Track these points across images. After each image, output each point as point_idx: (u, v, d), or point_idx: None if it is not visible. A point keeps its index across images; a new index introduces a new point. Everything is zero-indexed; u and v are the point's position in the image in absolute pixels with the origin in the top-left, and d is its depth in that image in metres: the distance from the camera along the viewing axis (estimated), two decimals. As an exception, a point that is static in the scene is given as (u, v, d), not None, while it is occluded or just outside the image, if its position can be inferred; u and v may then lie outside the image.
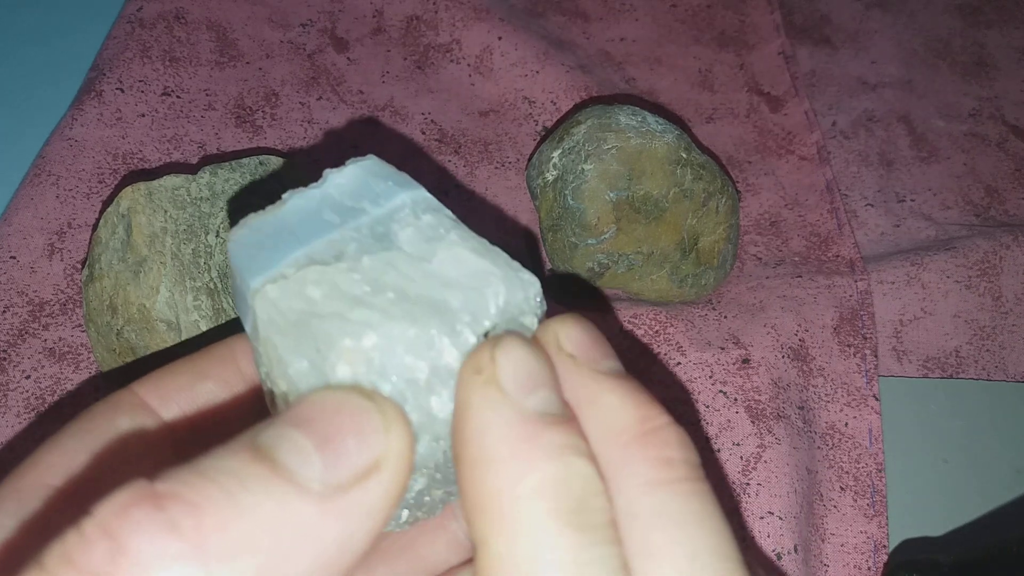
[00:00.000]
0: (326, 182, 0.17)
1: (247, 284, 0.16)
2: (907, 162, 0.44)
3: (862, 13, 0.52)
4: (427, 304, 0.15)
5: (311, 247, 0.16)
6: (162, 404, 0.18)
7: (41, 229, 0.34)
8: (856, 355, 0.36)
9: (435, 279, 0.15)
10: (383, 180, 0.17)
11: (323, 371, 0.14)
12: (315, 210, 0.16)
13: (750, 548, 0.30)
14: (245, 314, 0.16)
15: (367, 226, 0.16)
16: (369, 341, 0.14)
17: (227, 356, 0.19)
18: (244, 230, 0.16)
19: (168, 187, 0.29)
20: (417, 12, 0.45)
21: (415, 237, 0.16)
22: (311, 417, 0.13)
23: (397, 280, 0.15)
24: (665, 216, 0.34)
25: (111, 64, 0.40)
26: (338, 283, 0.15)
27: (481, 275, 0.16)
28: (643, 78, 0.46)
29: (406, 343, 0.14)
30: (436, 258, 0.16)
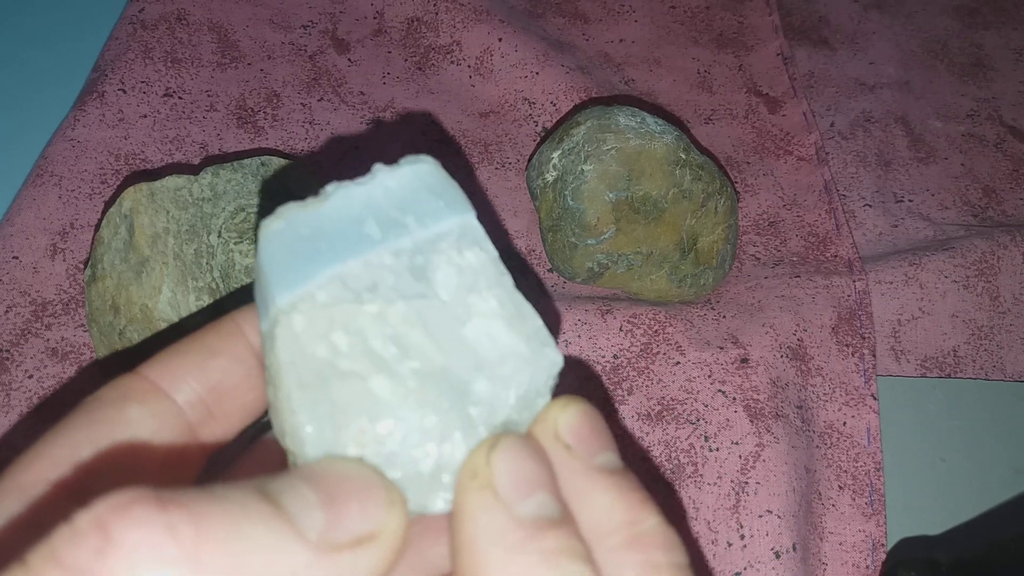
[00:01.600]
0: (375, 180, 0.16)
1: (272, 294, 0.15)
2: (905, 163, 0.45)
3: (860, 14, 0.52)
4: (449, 386, 0.15)
5: (346, 267, 0.15)
6: (174, 386, 0.17)
7: (44, 229, 0.34)
8: (854, 355, 0.36)
9: (464, 352, 0.15)
10: (434, 196, 0.16)
11: (333, 443, 0.14)
12: (357, 217, 0.15)
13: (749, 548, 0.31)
14: (263, 316, 0.16)
15: (407, 253, 0.15)
16: (385, 428, 0.14)
17: (234, 330, 0.18)
18: (280, 223, 0.15)
19: (170, 188, 0.30)
20: (418, 14, 0.45)
21: (454, 282, 0.15)
22: (320, 476, 0.13)
23: (424, 345, 0.15)
24: (664, 216, 0.34)
25: (113, 65, 0.40)
26: (366, 334, 0.15)
27: (510, 359, 0.15)
28: (642, 79, 0.46)
29: (421, 433, 0.14)
30: (470, 324, 0.15)
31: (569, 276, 0.36)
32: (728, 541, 0.31)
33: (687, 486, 0.32)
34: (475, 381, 0.15)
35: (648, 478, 0.32)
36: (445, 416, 0.14)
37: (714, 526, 0.31)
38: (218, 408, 0.17)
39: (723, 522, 0.31)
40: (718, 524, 0.31)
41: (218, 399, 0.17)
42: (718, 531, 0.31)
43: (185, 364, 0.17)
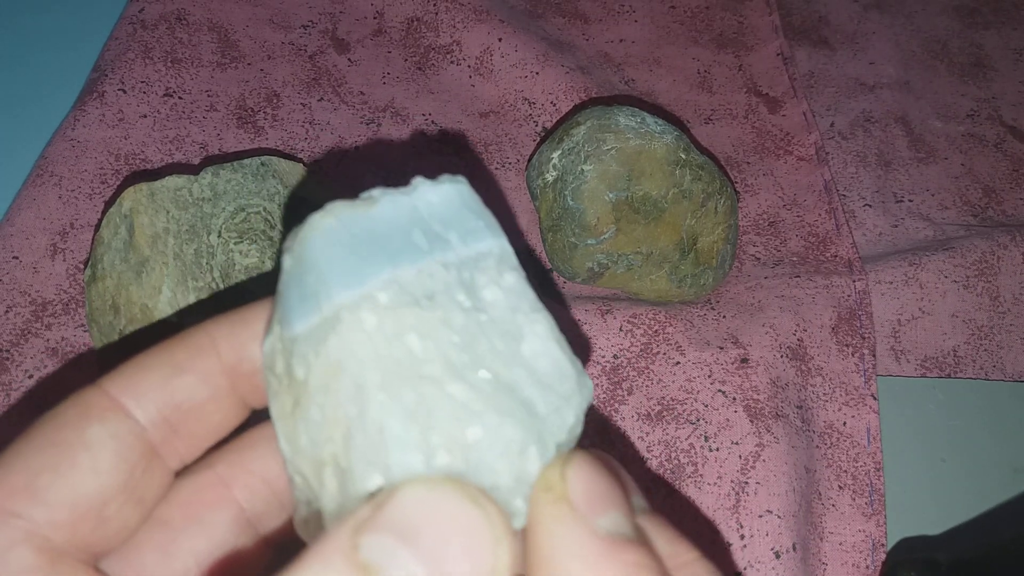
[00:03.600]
0: (416, 192, 0.16)
1: (331, 289, 0.14)
2: (905, 163, 0.45)
3: (860, 14, 0.52)
4: (520, 401, 0.14)
5: (400, 270, 0.15)
6: (136, 404, 0.16)
7: (43, 229, 0.34)
8: (854, 355, 0.36)
9: (526, 369, 0.15)
10: (475, 216, 0.16)
11: (419, 446, 0.13)
12: (405, 226, 0.15)
13: (749, 548, 0.31)
14: (305, 312, 0.15)
15: (455, 266, 0.15)
16: (473, 435, 0.14)
17: (206, 345, 0.17)
18: (332, 220, 0.15)
19: (170, 187, 0.30)
20: (418, 14, 0.45)
21: (501, 302, 0.15)
22: (419, 528, 0.12)
23: (491, 357, 0.15)
24: (664, 216, 0.34)
25: (113, 65, 0.40)
26: (438, 338, 0.14)
27: (567, 380, 0.15)
28: (642, 79, 0.46)
29: (504, 444, 0.14)
30: (526, 343, 0.15)
31: (569, 276, 0.36)
32: (728, 541, 0.31)
33: (687, 486, 0.32)
34: (538, 399, 0.15)
35: (648, 478, 0.32)
36: (523, 428, 0.14)
37: (714, 526, 0.31)
38: (183, 427, 0.17)
39: (723, 522, 0.31)
40: (718, 524, 0.31)
41: (183, 418, 0.16)
42: (718, 531, 0.31)
43: (150, 380, 0.16)
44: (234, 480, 0.17)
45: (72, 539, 0.15)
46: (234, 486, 0.17)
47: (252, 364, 0.17)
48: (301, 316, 0.15)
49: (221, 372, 0.17)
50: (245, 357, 0.17)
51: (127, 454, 0.16)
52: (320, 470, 0.14)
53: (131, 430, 0.16)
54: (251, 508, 0.17)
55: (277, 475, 0.17)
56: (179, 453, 0.17)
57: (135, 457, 0.16)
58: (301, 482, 0.15)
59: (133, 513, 0.16)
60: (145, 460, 0.16)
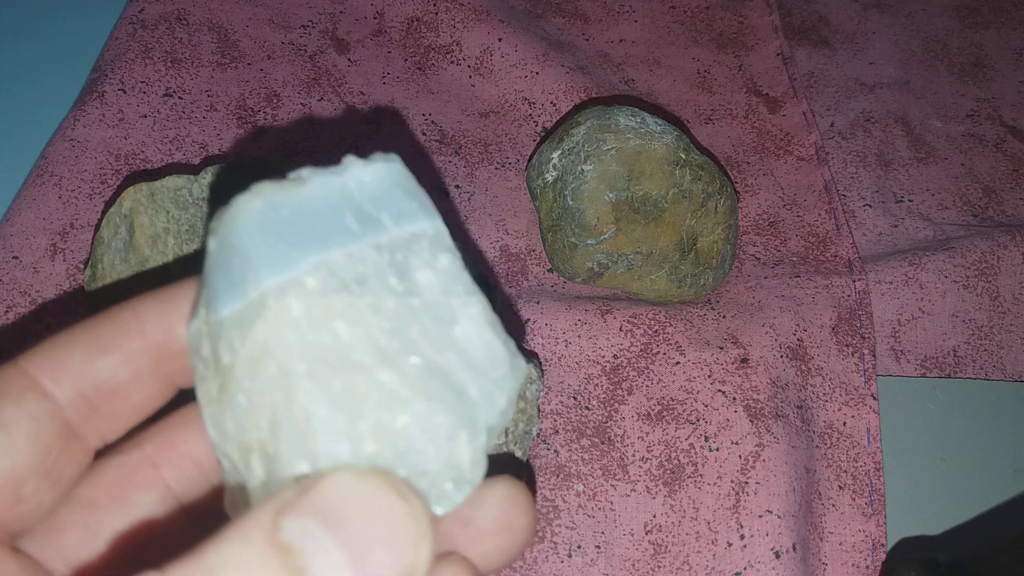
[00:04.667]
0: (347, 172, 0.15)
1: (257, 274, 0.14)
2: (905, 163, 0.45)
3: (860, 14, 0.52)
4: (451, 385, 0.14)
5: (330, 255, 0.14)
6: (55, 383, 0.16)
7: (43, 229, 0.34)
8: (854, 355, 0.36)
9: (457, 354, 0.15)
10: (408, 196, 0.16)
11: (346, 434, 0.13)
12: (335, 207, 0.15)
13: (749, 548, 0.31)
14: (224, 296, 0.14)
15: (387, 248, 0.15)
16: (401, 421, 0.14)
17: (131, 324, 0.16)
18: (258, 201, 0.14)
19: (170, 188, 0.30)
20: (417, 14, 0.45)
21: (434, 285, 0.15)
22: (343, 515, 0.12)
23: (422, 342, 0.15)
24: (664, 216, 0.34)
25: (113, 65, 0.40)
26: (367, 324, 0.14)
27: (500, 364, 0.15)
28: (642, 79, 0.46)
29: (433, 430, 0.14)
30: (459, 326, 0.15)
31: (569, 276, 0.36)
32: (728, 541, 0.31)
33: (687, 486, 0.32)
34: (470, 383, 0.15)
35: (648, 478, 0.32)
36: (452, 414, 0.14)
37: (714, 526, 0.31)
38: (104, 407, 0.16)
39: (723, 522, 0.31)
40: (718, 524, 0.31)
41: (104, 397, 0.16)
42: (718, 531, 0.31)
43: (70, 359, 0.16)
44: (163, 460, 0.17)
45: None
46: (163, 466, 0.17)
47: (179, 344, 0.16)
48: (227, 301, 0.14)
49: (146, 351, 0.16)
50: (172, 337, 0.16)
51: (43, 434, 0.15)
52: (247, 455, 0.14)
53: (48, 410, 0.15)
54: (180, 488, 0.17)
55: (206, 455, 0.17)
56: (100, 432, 0.16)
57: (51, 437, 0.15)
58: (229, 466, 0.15)
59: (50, 493, 0.15)
60: (62, 440, 0.16)
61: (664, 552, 0.30)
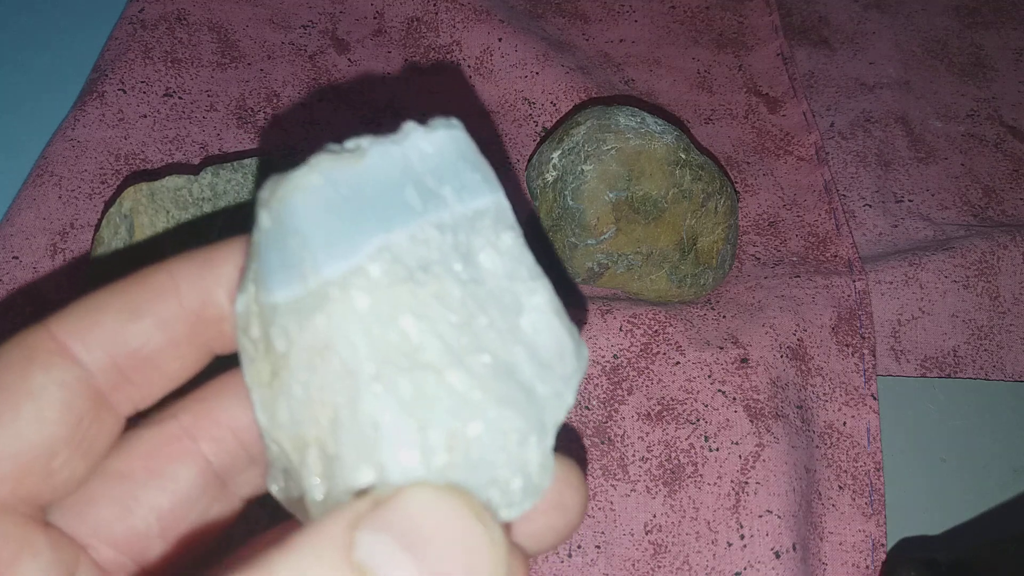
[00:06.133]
0: (407, 141, 0.15)
1: (317, 261, 0.13)
2: (905, 163, 0.45)
3: (860, 14, 0.52)
4: (520, 385, 0.14)
5: (393, 236, 0.13)
6: (86, 349, 0.15)
7: (43, 229, 0.34)
8: (854, 355, 0.36)
9: (525, 347, 0.14)
10: (471, 168, 0.15)
11: (415, 442, 0.13)
12: (396, 181, 0.14)
13: (749, 548, 0.31)
14: (286, 281, 0.13)
15: (450, 228, 0.14)
16: (474, 430, 0.13)
17: (167, 287, 0.15)
18: (316, 176, 0.13)
19: (170, 188, 0.30)
20: (418, 14, 0.45)
21: (499, 269, 0.14)
22: (420, 536, 0.12)
23: (490, 336, 0.14)
24: (664, 216, 0.34)
25: (113, 65, 0.40)
26: (434, 319, 0.13)
27: (567, 356, 0.15)
28: (642, 79, 0.46)
29: (504, 437, 0.13)
30: (525, 316, 0.14)
31: (569, 276, 0.36)
32: (728, 541, 0.31)
33: (687, 486, 0.32)
34: (538, 380, 0.14)
35: (648, 478, 0.32)
36: (523, 417, 0.14)
37: (714, 526, 0.31)
38: (137, 374, 0.15)
39: (723, 522, 0.31)
40: (718, 524, 0.31)
41: (137, 365, 0.15)
42: (718, 531, 0.31)
43: (101, 324, 0.15)
44: (200, 431, 0.16)
45: (17, 492, 0.14)
46: (200, 438, 0.16)
47: (217, 310, 0.16)
48: (282, 284, 0.13)
49: (182, 317, 0.15)
50: (210, 302, 0.15)
51: (74, 403, 0.14)
52: (303, 449, 0.14)
53: (78, 377, 0.15)
54: (218, 461, 0.16)
55: (246, 426, 0.16)
56: (132, 400, 0.16)
57: (83, 406, 0.15)
58: (278, 451, 0.14)
59: (81, 464, 0.15)
60: (94, 409, 0.15)
61: (664, 552, 0.30)
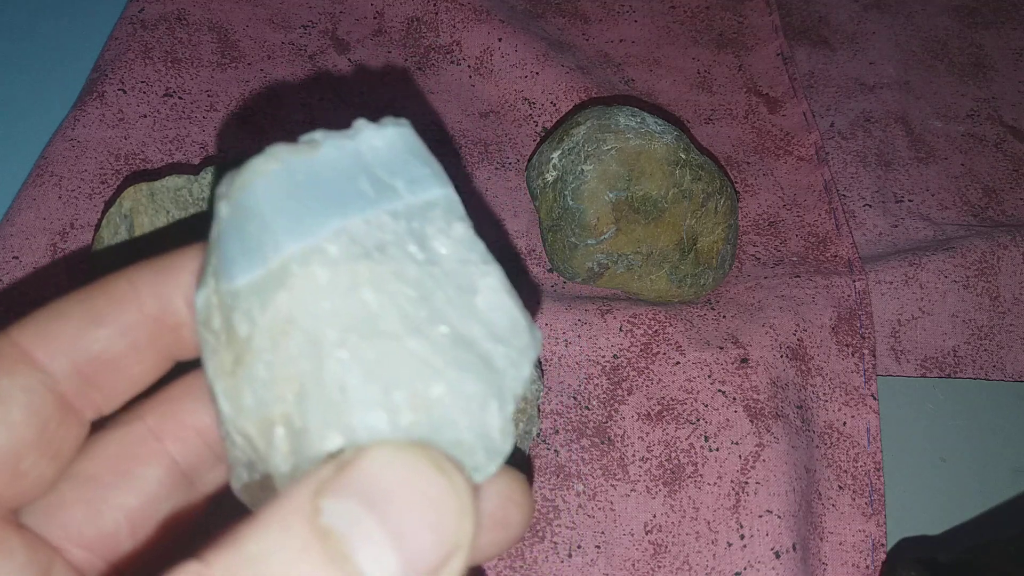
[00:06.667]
0: (360, 136, 0.15)
1: (278, 240, 0.14)
2: (905, 163, 0.45)
3: (860, 14, 0.52)
4: (478, 355, 0.14)
5: (349, 220, 0.14)
6: (49, 356, 0.15)
7: (44, 229, 0.34)
8: (854, 355, 0.36)
9: (481, 323, 0.15)
10: (421, 163, 0.16)
11: (382, 404, 0.13)
12: (350, 171, 0.15)
13: (749, 548, 0.31)
14: (247, 265, 0.14)
15: (403, 216, 0.15)
16: (436, 391, 0.13)
17: (128, 295, 0.16)
18: (275, 164, 0.14)
19: (170, 188, 0.30)
20: (418, 14, 0.45)
21: (452, 254, 0.15)
22: (384, 494, 0.12)
23: (447, 310, 0.14)
24: (664, 216, 0.34)
25: (113, 65, 0.40)
26: (393, 292, 0.14)
27: (522, 332, 0.15)
28: (642, 79, 0.46)
29: (466, 400, 0.14)
30: (480, 296, 0.15)
31: (569, 276, 0.36)
32: (728, 541, 0.31)
33: (687, 486, 0.32)
34: (495, 352, 0.15)
35: (648, 478, 0.32)
36: (483, 383, 0.14)
37: (714, 526, 0.31)
38: (100, 380, 0.16)
39: (723, 522, 0.31)
40: (718, 524, 0.31)
41: (100, 370, 0.16)
42: (718, 531, 0.31)
43: (64, 331, 0.15)
44: (165, 432, 0.16)
45: None
46: (166, 438, 0.16)
47: (176, 316, 0.16)
48: (243, 268, 0.14)
49: (142, 323, 0.16)
50: (169, 308, 0.16)
51: (40, 408, 0.15)
52: (269, 430, 0.14)
53: (42, 382, 0.15)
54: (185, 461, 0.17)
55: (210, 426, 0.17)
56: (96, 405, 0.16)
57: (48, 410, 0.15)
58: (243, 443, 0.14)
59: (49, 467, 0.15)
60: (59, 413, 0.15)
61: (664, 552, 0.31)
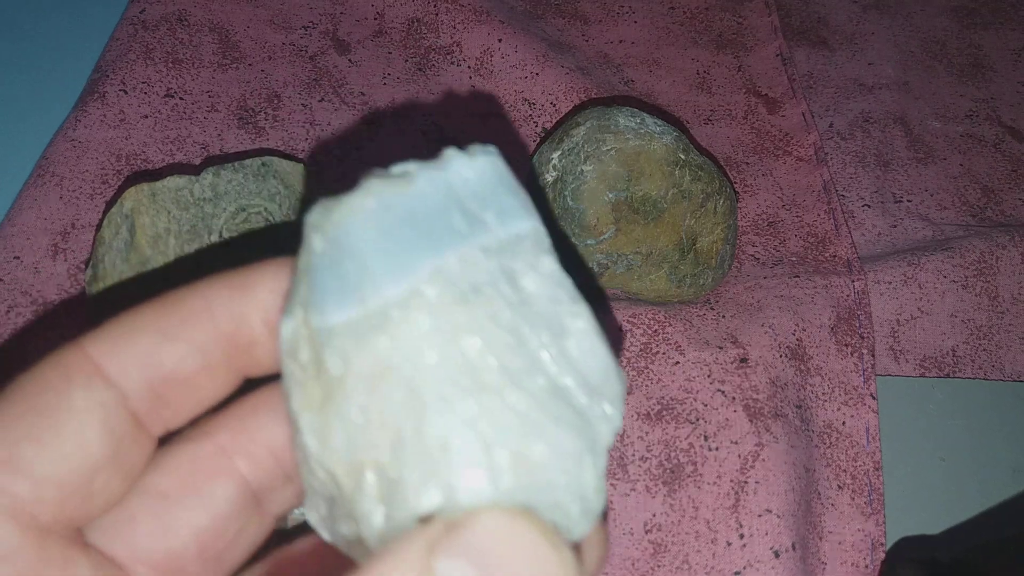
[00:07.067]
0: (451, 167, 0.15)
1: (376, 281, 0.13)
2: (904, 163, 0.45)
3: (859, 15, 0.52)
4: (573, 407, 0.14)
5: (444, 259, 0.14)
6: (120, 371, 0.15)
7: (45, 230, 0.34)
8: (853, 354, 0.36)
9: (575, 371, 0.14)
10: (510, 193, 0.15)
11: (480, 464, 0.13)
12: (443, 205, 0.14)
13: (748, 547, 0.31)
14: (343, 304, 0.13)
15: (495, 252, 0.14)
16: (537, 451, 0.13)
17: (202, 311, 0.15)
18: (372, 201, 0.14)
19: (171, 188, 0.30)
20: (418, 15, 0.45)
21: (542, 293, 0.14)
22: (497, 561, 0.12)
23: (544, 359, 0.14)
24: (664, 217, 0.34)
25: (114, 66, 0.40)
26: (491, 340, 0.13)
27: (612, 378, 0.15)
28: (642, 80, 0.46)
29: (563, 459, 0.13)
30: (571, 340, 0.14)
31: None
32: (727, 540, 0.31)
33: (687, 486, 0.32)
34: (588, 403, 0.14)
35: (648, 478, 0.32)
36: (579, 438, 0.14)
37: (713, 525, 0.31)
38: (170, 396, 0.15)
39: (723, 522, 0.31)
40: (718, 524, 0.31)
41: (171, 387, 0.15)
42: (718, 530, 0.31)
43: (136, 346, 0.15)
44: (236, 450, 0.16)
45: (59, 515, 0.14)
46: (236, 457, 0.16)
47: (250, 334, 0.16)
48: (338, 306, 0.14)
49: (216, 341, 0.15)
50: (244, 327, 0.16)
51: (113, 424, 0.14)
52: (359, 473, 0.13)
53: (116, 398, 0.15)
54: (255, 479, 0.16)
55: (282, 445, 0.16)
56: (164, 421, 0.16)
57: (121, 427, 0.15)
58: (326, 478, 0.14)
59: (119, 485, 0.15)
60: (131, 430, 0.15)
61: (664, 551, 0.31)
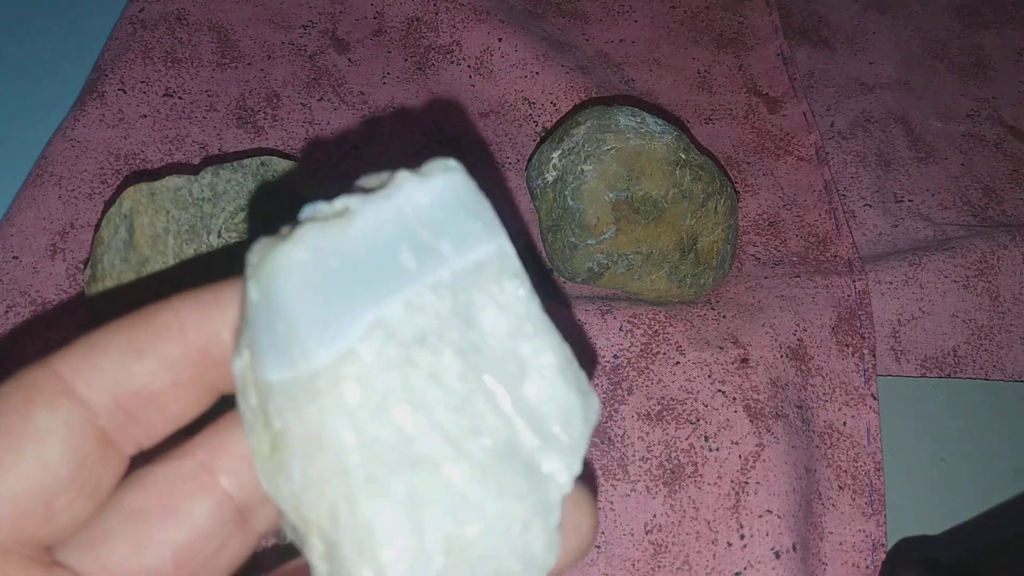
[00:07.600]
0: (402, 192, 0.14)
1: (304, 346, 0.13)
2: (905, 163, 0.45)
3: (860, 14, 0.52)
4: (522, 465, 0.13)
5: (385, 309, 0.13)
6: (89, 388, 0.14)
7: (43, 229, 0.34)
8: (854, 355, 0.36)
9: (530, 419, 0.14)
10: (470, 215, 0.14)
11: (415, 551, 0.12)
12: (388, 243, 0.13)
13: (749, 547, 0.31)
14: (276, 362, 0.13)
15: (448, 289, 0.13)
16: (472, 531, 0.13)
17: (171, 326, 0.15)
18: (303, 251, 0.13)
19: (170, 187, 0.30)
20: (418, 14, 0.45)
21: (501, 328, 0.14)
22: None
23: (490, 414, 0.13)
24: (664, 216, 0.34)
25: (113, 65, 0.40)
26: (430, 405, 0.13)
27: (574, 422, 0.14)
28: (642, 79, 0.46)
29: (506, 529, 0.13)
30: (530, 382, 0.14)
31: (569, 276, 0.36)
32: (728, 541, 0.31)
33: (687, 486, 0.32)
34: (542, 456, 0.14)
35: (648, 478, 0.32)
36: (526, 504, 0.13)
37: (714, 526, 0.31)
38: (141, 414, 0.15)
39: (723, 522, 0.31)
40: (718, 524, 0.31)
41: (141, 404, 0.15)
42: (718, 531, 0.31)
43: (105, 363, 0.15)
44: (219, 466, 0.16)
45: (16, 536, 0.14)
46: (219, 473, 0.16)
47: (222, 351, 0.15)
48: (272, 364, 0.13)
49: (186, 357, 0.15)
50: (215, 343, 0.15)
51: (78, 443, 0.14)
52: (306, 527, 0.13)
53: (83, 417, 0.14)
54: (239, 495, 0.16)
55: None
56: (136, 439, 0.15)
57: (87, 446, 0.14)
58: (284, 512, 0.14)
59: (85, 504, 0.15)
60: (98, 448, 0.14)
61: (664, 552, 0.31)
